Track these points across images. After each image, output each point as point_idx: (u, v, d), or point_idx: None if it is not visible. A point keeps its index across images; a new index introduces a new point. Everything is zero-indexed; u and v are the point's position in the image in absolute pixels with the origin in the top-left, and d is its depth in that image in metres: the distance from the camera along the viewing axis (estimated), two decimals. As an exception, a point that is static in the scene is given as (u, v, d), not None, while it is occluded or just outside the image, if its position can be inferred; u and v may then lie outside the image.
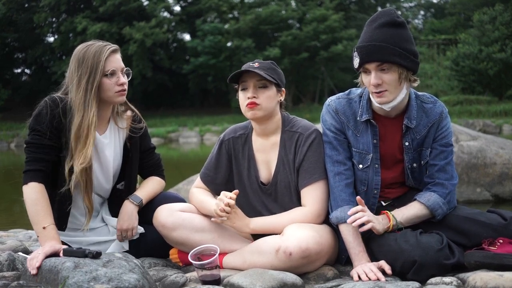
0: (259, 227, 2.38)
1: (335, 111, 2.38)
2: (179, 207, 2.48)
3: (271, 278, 2.05)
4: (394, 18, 2.19)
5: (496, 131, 15.39)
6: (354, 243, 2.26)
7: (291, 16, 27.12)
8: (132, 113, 2.58)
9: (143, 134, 2.61)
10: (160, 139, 19.27)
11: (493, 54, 20.21)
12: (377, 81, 2.18)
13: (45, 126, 2.30)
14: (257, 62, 2.45)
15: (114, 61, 2.38)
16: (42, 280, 2.02)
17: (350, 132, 2.36)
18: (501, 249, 2.13)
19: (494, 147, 5.16)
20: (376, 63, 2.17)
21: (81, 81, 2.32)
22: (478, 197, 5.01)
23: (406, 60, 2.17)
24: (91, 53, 2.34)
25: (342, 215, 2.29)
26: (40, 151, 2.31)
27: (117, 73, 2.38)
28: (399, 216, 2.27)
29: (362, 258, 2.22)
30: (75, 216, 2.47)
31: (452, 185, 2.34)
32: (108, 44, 2.40)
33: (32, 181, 2.27)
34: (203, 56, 25.66)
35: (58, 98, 2.35)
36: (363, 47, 2.19)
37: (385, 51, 2.15)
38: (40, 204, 2.24)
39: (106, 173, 2.50)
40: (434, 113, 2.35)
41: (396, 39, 2.16)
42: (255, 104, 2.39)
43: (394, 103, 2.25)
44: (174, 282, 2.19)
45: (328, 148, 2.38)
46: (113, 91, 2.37)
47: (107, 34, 25.75)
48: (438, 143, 2.35)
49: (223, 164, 2.55)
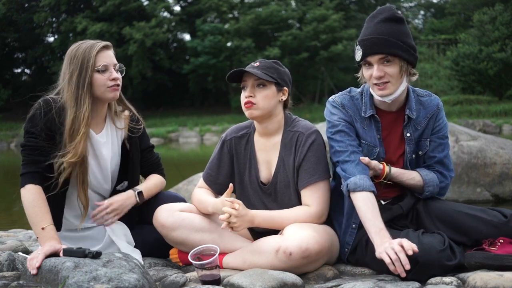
0: (264, 222, 2.35)
1: (342, 106, 2.41)
2: (179, 207, 2.48)
3: (271, 278, 2.05)
4: (394, 14, 2.27)
5: (496, 131, 15.39)
6: (374, 221, 2.16)
7: (291, 16, 27.12)
8: (130, 113, 2.58)
9: (142, 134, 2.62)
10: (160, 139, 19.27)
11: (493, 54, 20.20)
12: (379, 73, 2.25)
13: (40, 128, 2.31)
14: (259, 61, 2.45)
15: (105, 57, 2.38)
16: (42, 280, 2.02)
17: (358, 125, 2.40)
18: (501, 250, 2.13)
19: (494, 147, 5.16)
20: (380, 56, 2.23)
21: (72, 77, 2.33)
22: (478, 197, 5.01)
23: (408, 53, 2.25)
24: (82, 50, 2.35)
25: (361, 182, 2.24)
26: (36, 153, 2.31)
27: (109, 69, 2.38)
28: (394, 170, 2.36)
29: (384, 237, 2.11)
30: (69, 218, 2.47)
31: (451, 177, 2.47)
32: (100, 41, 2.40)
33: (29, 183, 2.28)
34: (203, 56, 25.65)
35: (51, 99, 2.35)
36: (366, 40, 2.25)
37: (389, 44, 2.22)
38: (38, 206, 2.25)
39: (104, 172, 2.50)
40: (432, 105, 2.44)
41: (398, 33, 2.23)
42: (252, 103, 2.39)
43: (395, 95, 2.30)
44: (174, 282, 2.19)
45: (339, 136, 2.36)
46: (106, 87, 2.37)
47: (107, 34, 25.74)
48: (436, 135, 2.44)
49: (225, 164, 2.55)
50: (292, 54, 25.63)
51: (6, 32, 28.32)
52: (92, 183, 2.47)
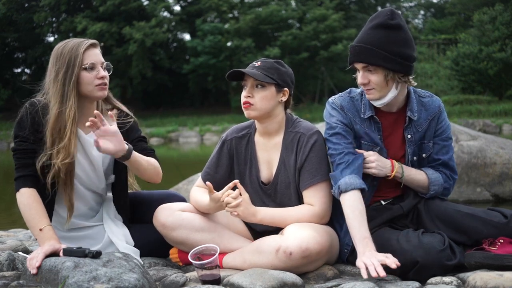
0: (267, 218, 2.35)
1: (341, 108, 2.40)
2: (179, 207, 2.48)
3: (271, 278, 2.05)
4: (387, 20, 2.22)
5: (496, 131, 15.39)
6: (360, 229, 2.15)
7: (291, 16, 27.10)
8: (118, 111, 2.53)
9: (131, 127, 2.52)
10: (160, 139, 19.26)
11: (493, 54, 20.20)
12: (363, 80, 2.28)
13: (28, 131, 2.32)
14: (260, 60, 2.44)
15: (92, 55, 2.37)
16: (42, 280, 2.02)
17: (358, 126, 2.39)
18: (501, 250, 2.13)
19: (494, 147, 5.15)
20: (363, 64, 2.25)
21: (58, 74, 2.31)
22: (478, 197, 5.00)
23: (392, 63, 2.21)
24: (69, 48, 2.34)
25: (351, 181, 2.24)
26: (27, 156, 2.32)
27: (96, 67, 2.37)
28: (407, 171, 2.36)
29: (367, 246, 2.11)
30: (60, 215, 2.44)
31: (454, 179, 2.47)
32: (87, 39, 2.39)
33: (22, 187, 2.29)
34: (203, 56, 25.63)
35: (36, 101, 2.35)
36: (352, 47, 2.28)
37: (369, 54, 2.21)
38: (34, 208, 2.25)
39: (98, 171, 2.48)
40: (433, 107, 2.43)
41: (385, 42, 2.20)
42: (250, 104, 2.39)
43: (383, 101, 2.30)
44: (174, 282, 2.19)
45: (335, 138, 2.35)
46: (93, 85, 2.35)
47: (107, 34, 25.73)
48: (439, 138, 2.43)
49: (224, 164, 2.55)
50: (292, 54, 25.61)
51: (6, 32, 28.29)
52: (86, 182, 2.46)
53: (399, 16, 2.26)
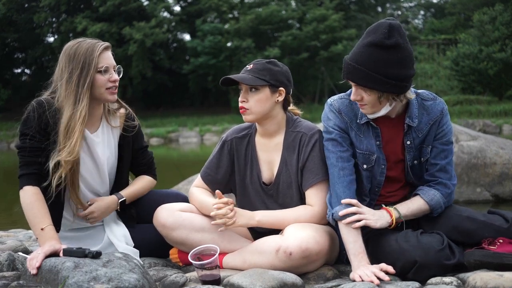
0: (265, 220, 2.35)
1: (338, 111, 2.36)
2: (179, 207, 2.48)
3: (271, 278, 2.05)
4: (383, 40, 2.09)
5: (496, 131, 15.40)
6: (355, 244, 2.19)
7: (291, 16, 27.10)
8: (126, 111, 2.57)
9: (137, 133, 2.60)
10: (160, 139, 19.27)
11: (493, 54, 20.21)
12: (356, 97, 2.22)
13: (34, 129, 2.31)
14: (253, 63, 2.43)
15: (107, 58, 2.38)
16: (42, 280, 2.02)
17: (353, 133, 2.35)
18: (501, 249, 2.13)
19: (494, 147, 5.16)
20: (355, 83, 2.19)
21: (72, 76, 2.31)
22: (478, 197, 5.01)
23: (386, 86, 2.12)
24: (83, 49, 2.34)
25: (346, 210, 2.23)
26: (32, 155, 2.31)
27: (110, 70, 2.38)
28: (404, 209, 2.27)
29: (362, 260, 2.15)
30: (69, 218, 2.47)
31: (453, 185, 2.37)
32: (100, 41, 2.40)
33: (26, 185, 2.28)
34: (203, 56, 25.64)
35: (44, 101, 2.34)
36: (346, 63, 2.19)
37: (361, 75, 2.14)
38: (37, 207, 2.25)
39: (101, 173, 2.49)
40: (435, 111, 2.34)
41: (378, 64, 2.10)
42: (245, 108, 2.39)
43: (377, 115, 2.27)
44: (174, 282, 2.19)
45: (331, 145, 2.34)
46: (105, 88, 2.36)
47: (107, 34, 25.73)
48: (439, 142, 2.35)
49: (224, 164, 2.54)
50: (292, 54, 25.62)
51: (6, 32, 28.30)
52: (90, 184, 2.47)
53: (397, 30, 2.12)
